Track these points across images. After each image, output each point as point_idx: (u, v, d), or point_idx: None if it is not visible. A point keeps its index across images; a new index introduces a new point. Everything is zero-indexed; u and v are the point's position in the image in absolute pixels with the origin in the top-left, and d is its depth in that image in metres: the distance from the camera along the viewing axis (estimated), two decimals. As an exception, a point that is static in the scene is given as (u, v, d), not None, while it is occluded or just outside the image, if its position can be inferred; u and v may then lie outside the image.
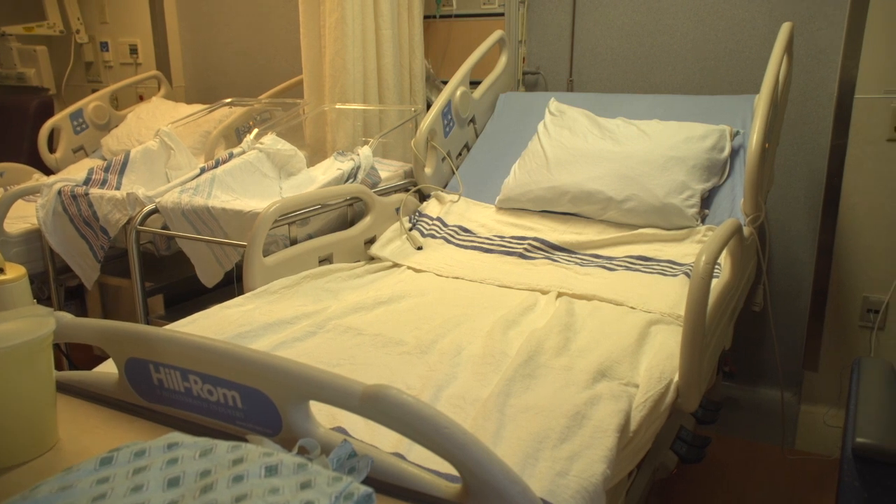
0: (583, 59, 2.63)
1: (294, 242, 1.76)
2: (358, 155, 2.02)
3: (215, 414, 0.90)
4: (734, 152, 1.98)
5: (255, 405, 0.87)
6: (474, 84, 2.42)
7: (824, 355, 2.34)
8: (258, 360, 0.86)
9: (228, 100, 2.66)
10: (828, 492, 2.12)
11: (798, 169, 2.36)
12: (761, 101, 1.77)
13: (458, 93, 2.24)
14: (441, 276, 1.76)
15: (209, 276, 1.89)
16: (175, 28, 3.34)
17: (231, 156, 2.03)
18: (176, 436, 0.73)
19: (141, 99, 3.29)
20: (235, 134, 2.61)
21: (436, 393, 1.16)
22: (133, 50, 3.41)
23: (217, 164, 1.98)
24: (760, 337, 2.47)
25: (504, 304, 1.53)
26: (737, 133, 2.01)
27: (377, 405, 0.80)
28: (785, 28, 1.96)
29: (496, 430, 1.04)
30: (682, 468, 2.14)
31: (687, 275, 1.63)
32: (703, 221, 1.86)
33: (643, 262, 1.73)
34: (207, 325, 1.38)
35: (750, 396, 2.54)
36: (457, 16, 2.73)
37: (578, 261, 1.78)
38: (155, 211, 1.87)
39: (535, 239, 1.87)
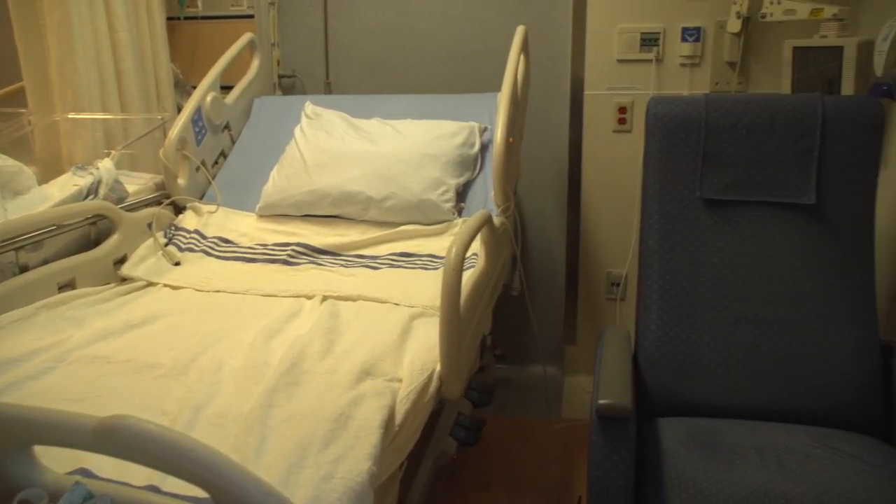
0: (338, 61, 2.64)
1: (25, 269, 1.57)
2: (98, 169, 1.85)
3: None
4: (484, 147, 2.10)
5: (-37, 461, 0.76)
6: (228, 88, 2.33)
7: (580, 329, 2.57)
8: (-42, 409, 0.75)
9: (-76, 111, 2.29)
10: (590, 452, 2.33)
11: (544, 160, 2.56)
12: (503, 99, 1.89)
13: (209, 98, 2.14)
14: (201, 290, 1.67)
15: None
16: None
17: (-63, 177, 1.76)
18: None
19: None
20: (-58, 151, 2.26)
21: (194, 414, 1.10)
22: None
23: (-81, 187, 1.71)
24: (524, 319, 2.65)
25: (268, 314, 1.49)
26: (485, 129, 2.13)
27: (113, 438, 0.74)
28: (519, 31, 2.10)
29: (259, 443, 1.01)
30: (464, 452, 2.24)
31: (447, 267, 1.70)
32: (460, 215, 1.95)
33: (406, 259, 1.78)
34: (-89, 376, 1.18)
35: (521, 375, 2.72)
36: (203, 17, 2.60)
37: (343, 262, 1.79)
38: None
39: (298, 244, 1.85)
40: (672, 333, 1.63)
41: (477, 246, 1.64)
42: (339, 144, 2.03)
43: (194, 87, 2.17)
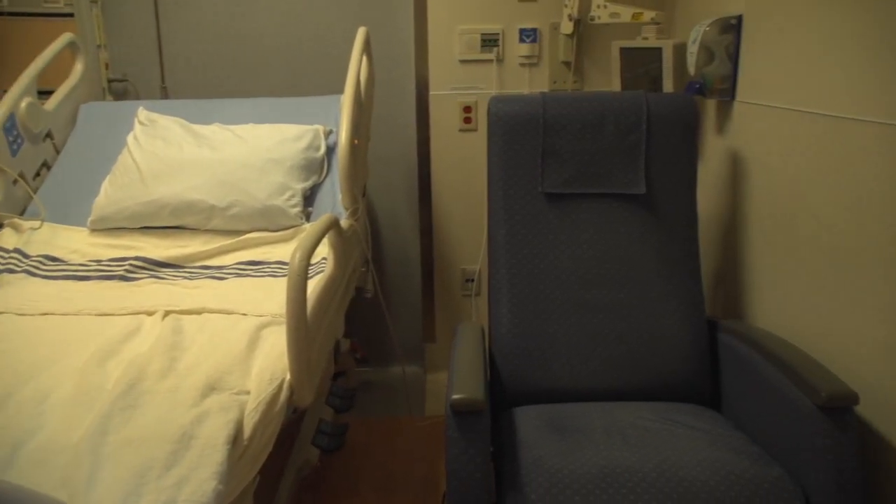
0: (174, 64, 2.51)
1: None
2: None
3: None
4: (330, 150, 2.07)
5: None
6: (49, 94, 2.15)
7: (439, 327, 2.59)
8: None
9: None
10: (454, 447, 2.37)
11: (394, 161, 2.56)
12: (346, 100, 1.87)
13: (24, 104, 1.96)
14: (24, 315, 1.53)
15: None
16: None
17: None
18: None
19: None
20: None
21: (11, 452, 1.01)
22: None
23: None
24: (382, 321, 2.65)
25: (103, 334, 1.39)
26: (330, 132, 2.10)
27: None
28: (360, 32, 2.09)
29: (90, 474, 0.94)
30: (329, 458, 2.20)
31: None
32: (308, 219, 1.92)
33: (253, 267, 1.72)
34: None
35: (384, 377, 2.71)
36: (10, 14, 2.37)
37: (186, 275, 1.70)
38: None
39: (136, 258, 1.74)
40: (523, 325, 1.69)
41: (325, 250, 1.61)
42: (177, 152, 1.93)
43: (5, 92, 1.99)
